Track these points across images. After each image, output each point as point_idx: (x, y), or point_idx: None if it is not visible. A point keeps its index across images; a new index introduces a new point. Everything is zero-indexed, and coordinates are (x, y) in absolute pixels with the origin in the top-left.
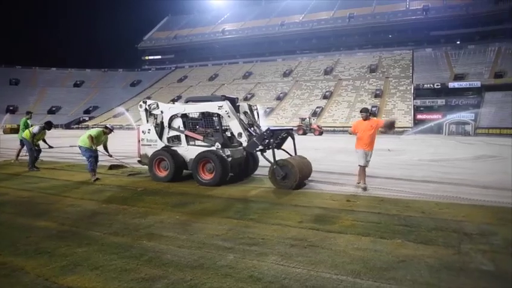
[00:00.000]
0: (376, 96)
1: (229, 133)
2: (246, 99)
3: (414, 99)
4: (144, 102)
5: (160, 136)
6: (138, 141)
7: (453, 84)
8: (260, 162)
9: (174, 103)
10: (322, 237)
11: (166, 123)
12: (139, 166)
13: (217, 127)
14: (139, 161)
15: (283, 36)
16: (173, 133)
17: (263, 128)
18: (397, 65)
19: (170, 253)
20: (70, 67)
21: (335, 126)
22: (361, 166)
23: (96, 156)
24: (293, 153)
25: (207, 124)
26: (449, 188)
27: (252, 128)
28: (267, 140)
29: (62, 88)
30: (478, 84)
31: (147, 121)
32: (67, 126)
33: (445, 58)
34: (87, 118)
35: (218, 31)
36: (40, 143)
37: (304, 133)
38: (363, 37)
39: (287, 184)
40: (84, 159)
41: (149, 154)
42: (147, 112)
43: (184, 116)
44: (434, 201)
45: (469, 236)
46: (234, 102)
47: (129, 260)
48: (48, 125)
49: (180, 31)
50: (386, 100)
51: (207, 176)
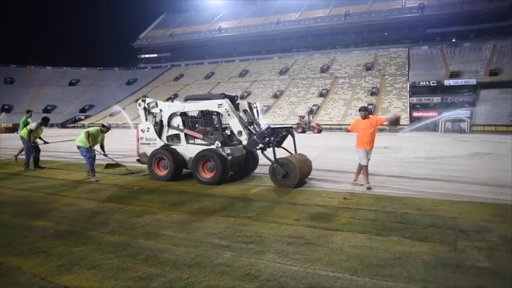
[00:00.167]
0: (372, 94)
1: (228, 131)
2: (243, 97)
3: (410, 96)
4: (143, 100)
5: (159, 135)
6: (137, 140)
7: (449, 81)
8: (260, 160)
9: (173, 101)
10: (319, 234)
11: (165, 121)
12: (136, 165)
13: (216, 125)
14: (138, 160)
15: (279, 34)
16: (172, 132)
17: (263, 126)
18: (393, 63)
19: (167, 252)
20: (65, 66)
21: (331, 124)
22: (363, 165)
23: (94, 156)
24: (293, 151)
25: (207, 122)
26: (445, 185)
27: (252, 126)
28: (267, 138)
29: (58, 87)
30: (474, 81)
31: (146, 120)
32: (63, 125)
33: (441, 56)
34: (83, 117)
35: (214, 29)
36: (37, 141)
37: (303, 131)
38: (359, 35)
39: (288, 183)
40: (82, 158)
41: (148, 153)
42: (146, 111)
43: (183, 115)
44: (430, 198)
45: (465, 233)
46: (234, 100)
47: (126, 259)
48: (44, 121)
49: (176, 29)
50: (382, 98)
51: (207, 175)
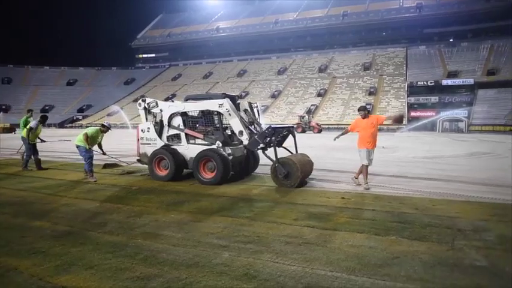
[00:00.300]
0: (370, 93)
1: (229, 131)
2: (241, 97)
3: (408, 96)
4: (143, 100)
5: (159, 135)
6: (137, 140)
7: (446, 81)
8: (260, 160)
9: (173, 101)
10: (317, 234)
11: (165, 121)
12: (133, 165)
13: (217, 125)
14: (138, 160)
15: (277, 34)
16: (173, 132)
17: (263, 126)
18: (391, 63)
19: (165, 252)
20: (63, 65)
21: (329, 124)
22: (364, 165)
23: (92, 156)
24: (293, 151)
25: (207, 122)
26: (443, 185)
27: (253, 126)
28: (269, 138)
29: (55, 87)
30: (471, 81)
31: (146, 120)
32: (60, 125)
33: (439, 55)
34: (80, 117)
35: (212, 29)
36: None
37: (303, 131)
38: (357, 35)
39: (289, 183)
40: (79, 158)
41: (149, 153)
42: (146, 110)
43: (184, 114)
44: (428, 197)
45: (463, 232)
46: (234, 99)
47: (124, 259)
48: (43, 119)
49: (174, 29)
50: (380, 98)
51: (208, 175)
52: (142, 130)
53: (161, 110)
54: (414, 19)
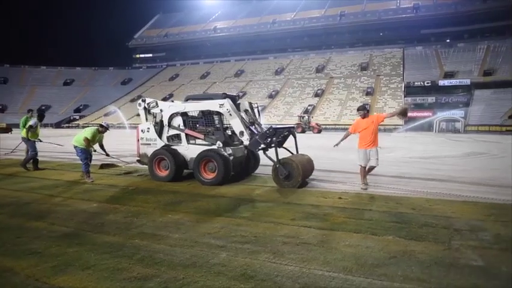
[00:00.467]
0: (367, 94)
1: (229, 131)
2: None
3: (405, 97)
4: (143, 100)
5: (159, 135)
6: (137, 140)
7: (443, 82)
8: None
9: (173, 101)
10: (314, 234)
11: (166, 121)
12: (131, 165)
13: (218, 125)
14: (138, 161)
15: (274, 34)
16: (173, 132)
17: (263, 127)
18: (388, 63)
19: (162, 252)
20: (60, 65)
21: (327, 124)
22: (362, 166)
23: (90, 156)
24: (294, 151)
25: (208, 122)
26: (439, 185)
27: (253, 126)
28: (269, 139)
29: (52, 87)
30: (468, 81)
31: (146, 120)
32: (57, 125)
33: (435, 56)
34: (77, 117)
35: (209, 29)
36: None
37: (303, 131)
38: (354, 35)
39: (290, 183)
40: (75, 158)
41: (148, 153)
42: (146, 111)
43: (184, 115)
44: (425, 197)
45: (459, 232)
46: (235, 100)
47: (121, 259)
48: (41, 117)
49: (171, 29)
50: (377, 98)
51: (209, 176)
52: (142, 130)
53: (161, 110)
54: (411, 20)
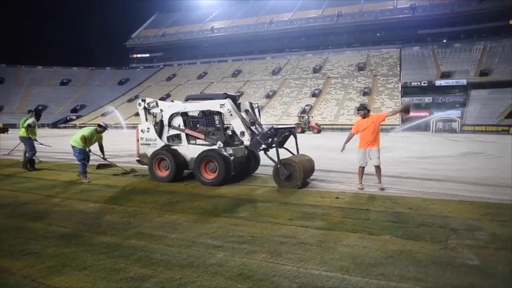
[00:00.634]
0: (364, 94)
1: (230, 131)
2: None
3: (402, 97)
4: (143, 100)
5: (160, 135)
6: (137, 140)
7: (440, 82)
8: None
9: (173, 101)
10: (311, 234)
11: (166, 121)
12: (128, 165)
13: (218, 126)
14: (138, 161)
15: (272, 34)
16: (173, 132)
17: (263, 127)
18: (385, 63)
19: (159, 252)
20: (56, 65)
21: (324, 124)
22: (360, 167)
23: (88, 156)
24: (294, 151)
25: (208, 123)
26: (436, 185)
27: (254, 127)
28: (270, 139)
29: (48, 87)
30: (464, 82)
31: (146, 120)
32: (54, 125)
33: (432, 56)
34: (74, 117)
35: (207, 29)
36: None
37: (302, 131)
38: (351, 35)
39: (291, 184)
40: (71, 158)
41: (148, 153)
42: (146, 111)
43: (184, 115)
44: (421, 197)
45: (456, 231)
46: (235, 100)
47: (118, 260)
48: (38, 116)
49: (169, 29)
50: (374, 98)
51: (210, 176)
52: (142, 130)
53: (161, 110)
54: (408, 20)
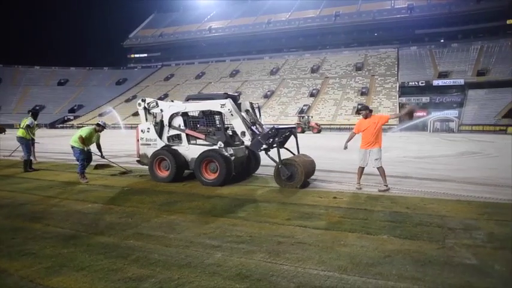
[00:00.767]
0: (362, 94)
1: (230, 131)
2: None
3: (399, 96)
4: (143, 100)
5: (160, 135)
6: (137, 140)
7: (437, 82)
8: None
9: (173, 101)
10: (309, 234)
11: (166, 121)
12: (126, 165)
13: (219, 126)
14: (138, 161)
15: (269, 34)
16: (173, 132)
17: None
18: (383, 63)
19: (157, 252)
20: (54, 65)
21: (322, 124)
22: (360, 167)
23: (89, 157)
24: (295, 151)
25: (209, 123)
26: (434, 184)
27: (255, 127)
28: (271, 139)
29: (46, 87)
30: (462, 81)
31: (146, 120)
32: (51, 125)
33: (430, 56)
34: (72, 117)
35: (205, 29)
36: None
37: (302, 131)
38: (349, 35)
39: (293, 184)
40: (67, 158)
41: (148, 154)
42: (146, 111)
43: (185, 115)
44: (419, 197)
45: (453, 231)
46: (236, 99)
47: (116, 260)
48: (35, 116)
49: (166, 29)
50: (372, 98)
51: (211, 176)
52: (142, 130)
53: (161, 110)
54: (406, 20)
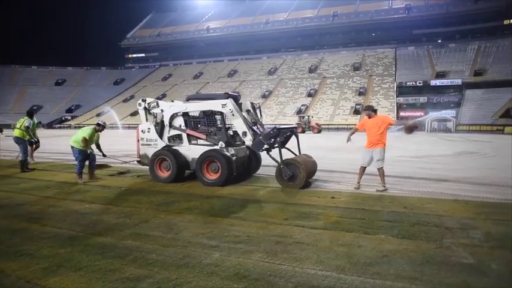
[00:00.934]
0: (360, 94)
1: (231, 131)
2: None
3: (397, 96)
4: (144, 100)
5: (160, 135)
6: (137, 140)
7: (435, 82)
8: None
9: (173, 101)
10: (307, 234)
11: (167, 122)
12: (123, 165)
13: (220, 126)
14: (138, 162)
15: (267, 34)
16: (174, 132)
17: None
18: (380, 63)
19: (155, 252)
20: (51, 65)
21: (320, 124)
22: (362, 166)
23: (93, 157)
24: (296, 151)
25: (210, 123)
26: (431, 184)
27: (256, 127)
28: (273, 139)
29: (43, 87)
30: (459, 81)
31: (147, 120)
32: (49, 125)
33: (427, 56)
34: (69, 117)
35: (203, 29)
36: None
37: (302, 131)
38: (347, 35)
39: (295, 184)
40: (65, 159)
41: (149, 154)
42: (146, 111)
43: (185, 115)
44: (417, 196)
45: (451, 230)
46: (237, 99)
47: (114, 260)
48: (30, 115)
49: (164, 29)
50: (370, 98)
51: (212, 176)
52: (142, 131)
53: (162, 110)
54: (403, 20)
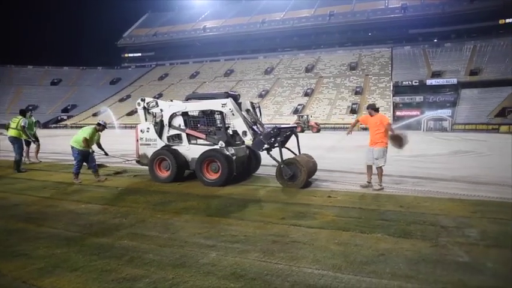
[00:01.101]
0: (356, 93)
1: (231, 131)
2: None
3: (393, 96)
4: (143, 100)
5: (160, 135)
6: (137, 140)
7: (431, 81)
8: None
9: (172, 101)
10: (303, 233)
11: (166, 121)
12: (121, 165)
13: (219, 125)
14: (138, 161)
15: (264, 34)
16: (174, 132)
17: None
18: (377, 63)
19: (152, 252)
20: (47, 65)
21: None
22: (367, 164)
23: (92, 159)
24: (296, 151)
25: (209, 122)
26: (427, 183)
27: (256, 126)
28: (273, 139)
29: (39, 86)
30: (455, 81)
31: (146, 120)
32: (45, 125)
33: (423, 56)
34: (65, 117)
35: (199, 28)
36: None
37: (302, 130)
38: (343, 35)
39: (295, 183)
40: (62, 159)
41: (148, 154)
42: (146, 110)
43: (185, 114)
44: (413, 195)
45: (446, 229)
46: (236, 99)
47: (110, 260)
48: (23, 114)
49: (160, 28)
50: (366, 97)
51: (212, 176)
52: (141, 130)
53: (161, 110)
54: (399, 20)
